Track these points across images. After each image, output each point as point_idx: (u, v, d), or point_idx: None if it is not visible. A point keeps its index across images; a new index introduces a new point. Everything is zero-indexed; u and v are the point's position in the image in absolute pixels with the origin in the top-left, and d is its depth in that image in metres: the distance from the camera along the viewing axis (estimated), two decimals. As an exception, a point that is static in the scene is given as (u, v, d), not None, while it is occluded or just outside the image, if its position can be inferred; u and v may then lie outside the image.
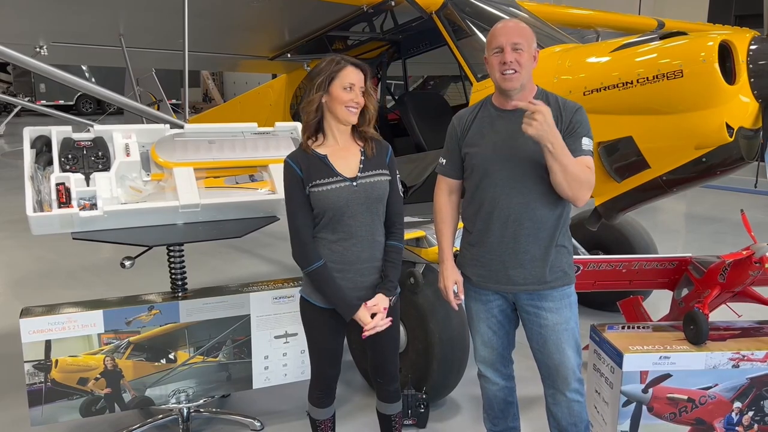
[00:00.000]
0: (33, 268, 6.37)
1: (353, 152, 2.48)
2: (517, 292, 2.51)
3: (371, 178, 2.45)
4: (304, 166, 2.41)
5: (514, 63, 2.35)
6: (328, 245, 2.45)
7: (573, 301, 2.55)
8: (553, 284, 2.48)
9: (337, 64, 2.39)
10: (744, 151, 3.22)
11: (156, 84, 7.71)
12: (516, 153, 2.40)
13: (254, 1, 4.06)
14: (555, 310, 2.49)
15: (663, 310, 3.92)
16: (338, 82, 2.37)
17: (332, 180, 2.40)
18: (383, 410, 2.76)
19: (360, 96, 2.39)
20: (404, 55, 5.29)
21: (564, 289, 2.51)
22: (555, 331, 2.49)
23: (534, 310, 2.51)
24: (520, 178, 2.41)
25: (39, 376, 2.94)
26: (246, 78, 23.16)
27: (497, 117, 2.48)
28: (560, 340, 2.50)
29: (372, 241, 2.46)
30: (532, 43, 2.41)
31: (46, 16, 4.10)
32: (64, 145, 2.89)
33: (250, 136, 3.24)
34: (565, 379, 2.53)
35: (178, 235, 3.06)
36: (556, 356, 2.51)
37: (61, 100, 23.35)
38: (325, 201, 2.39)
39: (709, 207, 9.09)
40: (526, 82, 2.41)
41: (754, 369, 3.00)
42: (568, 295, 2.53)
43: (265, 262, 6.57)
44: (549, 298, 2.49)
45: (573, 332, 2.52)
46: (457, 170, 2.58)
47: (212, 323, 3.21)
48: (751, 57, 3.14)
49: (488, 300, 2.59)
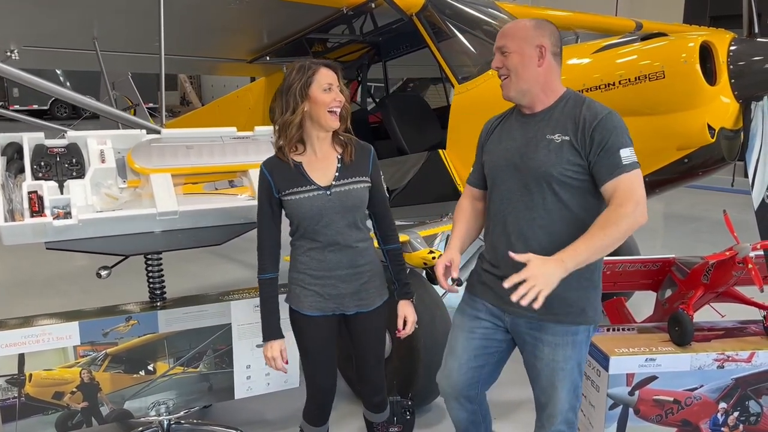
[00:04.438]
0: (7, 278, 6.22)
1: (331, 160, 2.42)
2: (516, 316, 2.24)
3: (347, 186, 2.39)
4: (277, 174, 2.37)
5: (503, 68, 2.17)
6: (306, 253, 2.42)
7: (580, 341, 2.21)
8: (561, 319, 2.17)
9: (309, 69, 2.32)
10: (725, 152, 3.24)
11: (132, 88, 7.59)
12: (525, 162, 2.16)
13: (231, 3, 3.99)
14: (554, 346, 2.19)
15: (645, 310, 3.92)
16: (316, 86, 2.30)
17: (305, 189, 2.36)
18: (368, 417, 2.76)
19: (340, 94, 2.33)
20: (384, 57, 5.26)
21: (573, 327, 2.19)
22: (549, 367, 2.22)
23: (531, 340, 2.24)
24: (527, 191, 2.15)
25: (12, 391, 2.84)
26: (224, 81, 22.95)
27: (517, 122, 2.26)
28: (554, 379, 2.22)
29: (352, 248, 2.42)
30: (528, 42, 2.12)
31: (17, 19, 3.99)
32: (37, 152, 2.80)
33: (229, 140, 3.18)
34: (551, 417, 2.27)
35: (155, 244, 2.98)
36: (548, 392, 2.25)
37: (35, 104, 22.91)
38: (298, 210, 2.36)
39: (687, 206, 9.18)
40: (530, 88, 2.15)
41: (739, 369, 3.01)
42: (574, 333, 2.19)
43: (245, 268, 6.48)
44: (550, 331, 2.19)
45: (571, 373, 2.21)
46: (479, 179, 2.38)
47: (192, 333, 3.13)
48: (731, 58, 3.16)
49: (475, 316, 2.36)
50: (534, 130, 2.18)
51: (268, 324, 2.46)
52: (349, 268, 2.43)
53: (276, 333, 2.46)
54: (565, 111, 2.16)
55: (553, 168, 2.10)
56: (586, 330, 2.23)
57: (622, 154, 2.03)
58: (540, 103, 2.20)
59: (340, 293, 2.43)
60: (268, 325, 2.46)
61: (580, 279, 2.12)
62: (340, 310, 2.47)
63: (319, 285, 2.42)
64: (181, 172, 3.00)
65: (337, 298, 2.44)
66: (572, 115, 2.12)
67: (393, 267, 2.56)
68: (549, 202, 2.13)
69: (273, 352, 2.45)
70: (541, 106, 2.20)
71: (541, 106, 2.20)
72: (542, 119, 2.19)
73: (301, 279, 2.45)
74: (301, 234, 2.41)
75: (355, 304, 2.46)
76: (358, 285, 2.45)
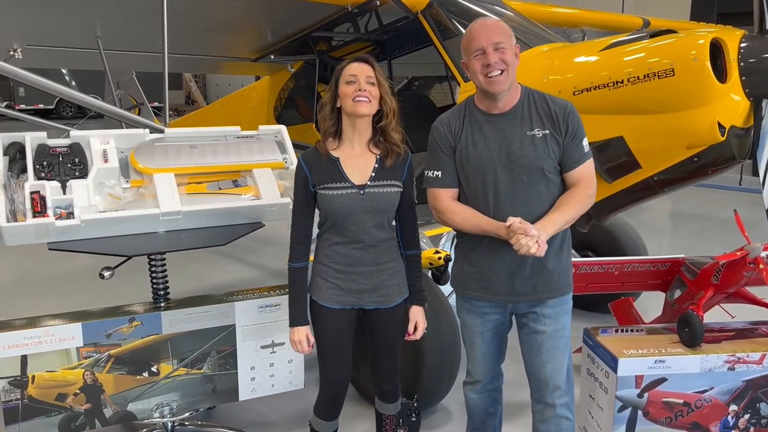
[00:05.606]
0: (9, 277, 6.20)
1: (368, 159, 2.46)
2: (519, 302, 2.44)
3: (380, 188, 2.42)
4: (314, 166, 2.43)
5: (500, 63, 2.25)
6: (332, 246, 2.47)
7: (569, 308, 2.49)
8: (558, 292, 2.43)
9: (341, 66, 2.42)
10: (736, 150, 3.18)
11: (137, 87, 7.58)
12: (515, 160, 2.30)
13: (235, 2, 3.96)
14: (554, 317, 2.42)
15: (653, 310, 3.88)
16: (342, 80, 2.39)
17: (339, 185, 2.40)
18: (379, 408, 2.79)
19: (365, 84, 2.36)
20: (389, 56, 5.22)
21: (564, 297, 2.46)
22: (551, 338, 2.42)
23: (533, 316, 2.44)
24: (523, 186, 2.31)
25: (15, 393, 2.82)
26: (229, 80, 22.96)
27: (485, 122, 2.36)
28: (555, 348, 2.43)
29: (376, 247, 2.46)
30: (513, 40, 2.32)
31: (20, 18, 3.98)
32: (39, 152, 2.78)
33: (233, 139, 3.15)
34: (557, 389, 2.45)
35: (159, 244, 2.95)
36: (549, 365, 2.44)
37: (41, 104, 22.98)
38: (329, 205, 2.40)
39: (695, 205, 9.12)
40: (512, 83, 2.31)
41: (750, 371, 2.97)
42: (566, 302, 2.47)
43: (250, 267, 6.47)
44: (549, 305, 2.42)
45: (567, 341, 2.47)
46: (454, 179, 2.43)
47: (196, 334, 3.10)
48: (742, 55, 3.10)
49: (484, 313, 2.51)
50: (511, 128, 2.30)
51: (295, 309, 2.53)
52: (372, 265, 2.47)
53: (302, 319, 2.53)
54: (532, 106, 2.34)
55: (543, 161, 2.29)
56: (570, 296, 2.50)
57: (584, 143, 2.34)
58: (509, 100, 2.34)
59: (361, 288, 2.48)
60: (296, 310, 2.53)
61: (563, 254, 2.43)
62: (359, 305, 2.51)
63: (341, 279, 2.47)
64: (184, 172, 2.97)
65: (357, 293, 2.48)
66: (541, 108, 2.33)
67: (410, 273, 2.60)
68: (543, 192, 2.32)
69: (299, 335, 2.52)
70: (509, 105, 2.33)
71: (509, 105, 2.33)
72: (514, 117, 2.32)
73: (324, 271, 2.49)
74: (329, 227, 2.46)
75: (374, 299, 2.50)
76: (379, 281, 2.49)
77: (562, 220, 2.28)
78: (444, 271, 3.50)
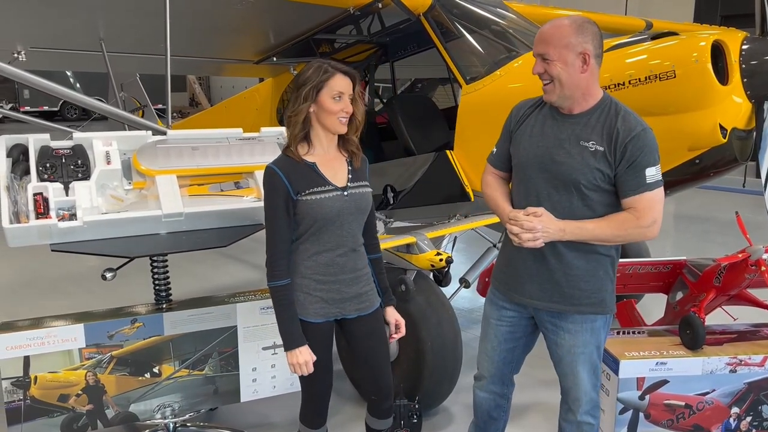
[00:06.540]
0: (13, 278, 6.22)
1: (341, 161, 2.42)
2: (536, 307, 2.36)
3: (359, 189, 2.41)
4: (292, 174, 2.30)
5: (545, 75, 2.17)
6: (312, 257, 2.36)
7: (598, 327, 2.32)
8: (583, 310, 2.28)
9: (325, 73, 2.27)
10: (737, 152, 3.19)
11: (140, 89, 7.60)
12: (554, 165, 2.20)
13: (237, 4, 3.97)
14: (574, 333, 2.31)
15: (655, 312, 3.87)
16: (326, 92, 2.27)
17: (324, 189, 2.33)
18: (372, 425, 2.67)
19: (349, 105, 2.30)
20: (392, 58, 5.23)
21: (591, 316, 2.30)
22: (570, 353, 2.33)
23: (552, 328, 2.36)
24: (557, 190, 2.21)
25: (17, 394, 2.84)
26: (233, 82, 22.98)
27: (550, 117, 2.26)
28: (575, 363, 2.33)
29: (356, 251, 2.43)
30: (571, 50, 2.12)
31: (24, 20, 3.99)
32: (42, 154, 2.79)
33: (235, 141, 3.15)
34: (577, 400, 2.38)
35: (161, 246, 2.95)
36: (569, 377, 2.37)
37: (45, 106, 23.06)
38: (317, 210, 2.30)
39: (697, 206, 9.10)
40: (572, 93, 2.16)
41: (752, 373, 2.97)
42: (592, 321, 2.30)
43: (252, 268, 6.47)
44: (570, 320, 2.31)
45: (590, 356, 2.34)
46: (504, 162, 2.40)
47: (198, 335, 3.11)
48: (743, 57, 3.11)
49: (502, 307, 2.47)
50: (568, 131, 2.20)
51: (290, 332, 2.34)
52: (352, 272, 2.42)
53: (300, 338, 2.35)
54: (602, 119, 2.18)
55: (582, 175, 2.16)
56: (603, 318, 2.33)
57: (647, 172, 2.12)
58: (578, 106, 2.21)
59: (343, 297, 2.41)
60: (291, 332, 2.34)
61: (599, 272, 2.26)
62: (342, 315, 2.44)
63: (324, 290, 2.38)
64: (186, 174, 2.99)
65: (340, 302, 2.41)
66: (608, 125, 2.16)
67: (378, 276, 2.55)
68: (576, 205, 2.20)
69: (303, 356, 2.33)
70: (579, 109, 2.22)
71: (579, 109, 2.22)
72: (578, 122, 2.20)
73: (306, 285, 2.37)
74: (309, 236, 2.35)
75: (356, 307, 2.45)
76: (359, 288, 2.45)
77: (591, 233, 2.15)
78: (446, 273, 3.49)
